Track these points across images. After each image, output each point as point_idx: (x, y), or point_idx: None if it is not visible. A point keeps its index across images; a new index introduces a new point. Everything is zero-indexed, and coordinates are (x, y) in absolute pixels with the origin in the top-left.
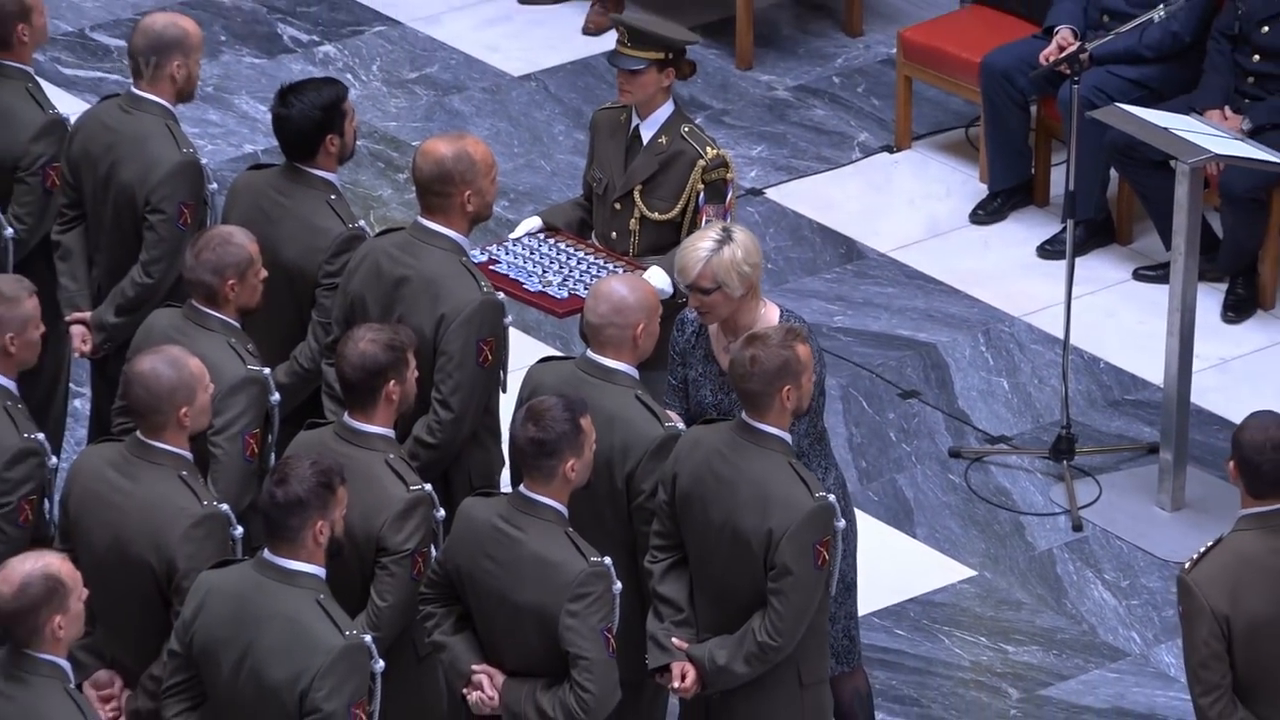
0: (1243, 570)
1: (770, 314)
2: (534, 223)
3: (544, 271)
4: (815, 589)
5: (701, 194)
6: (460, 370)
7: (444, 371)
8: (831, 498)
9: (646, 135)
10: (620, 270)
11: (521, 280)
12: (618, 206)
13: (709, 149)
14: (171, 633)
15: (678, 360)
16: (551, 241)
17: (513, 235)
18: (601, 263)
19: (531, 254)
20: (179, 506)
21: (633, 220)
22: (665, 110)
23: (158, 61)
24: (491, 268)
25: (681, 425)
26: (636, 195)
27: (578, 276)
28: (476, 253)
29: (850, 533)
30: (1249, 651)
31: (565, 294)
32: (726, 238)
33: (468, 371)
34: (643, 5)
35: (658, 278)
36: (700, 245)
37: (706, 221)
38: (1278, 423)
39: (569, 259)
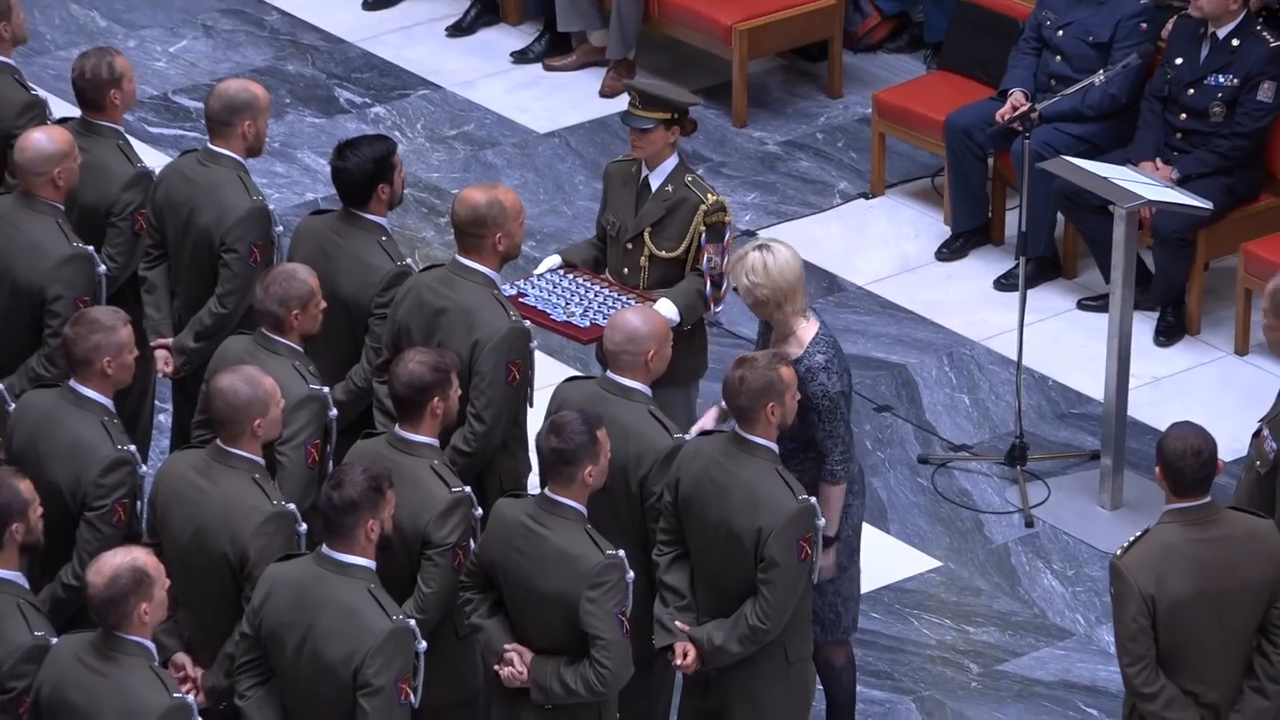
0: (1166, 557)
1: (808, 331)
2: (554, 260)
3: (566, 303)
4: (799, 579)
5: (703, 234)
6: (492, 388)
7: (478, 389)
8: (813, 500)
9: (655, 184)
10: (633, 302)
11: (548, 311)
12: (629, 246)
13: (709, 195)
14: (243, 616)
15: None
16: (571, 277)
17: (536, 271)
18: (616, 295)
19: (554, 288)
20: (252, 505)
21: (643, 258)
22: (671, 163)
23: (231, 121)
24: (520, 300)
25: (687, 436)
26: (646, 236)
27: (597, 307)
28: (506, 287)
29: (854, 517)
30: (1170, 628)
31: (588, 323)
32: (764, 247)
33: (498, 389)
34: (651, 71)
35: (666, 308)
36: (751, 258)
37: (707, 259)
38: (1195, 433)
39: (587, 292)
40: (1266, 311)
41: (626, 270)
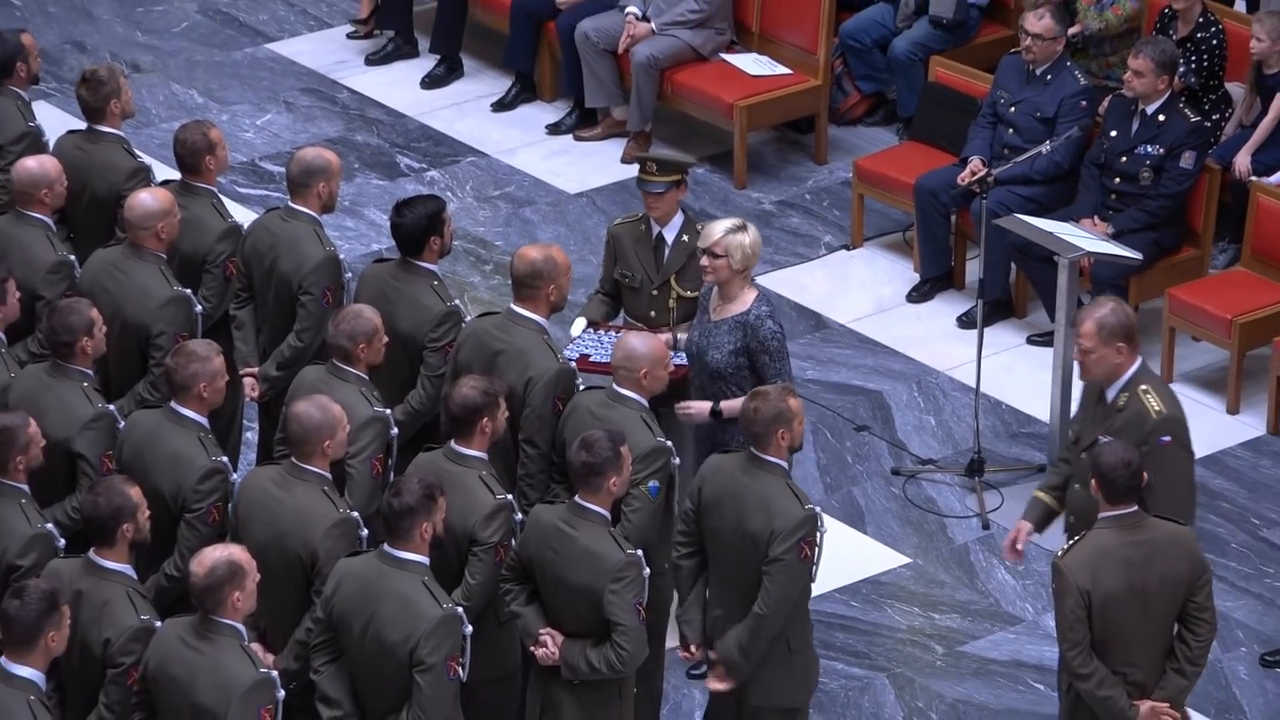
0: (1100, 558)
1: (750, 293)
2: (582, 323)
3: (603, 350)
4: (799, 575)
5: None
6: (540, 419)
7: (528, 419)
8: (818, 509)
9: (670, 237)
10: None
11: (595, 358)
12: (655, 293)
13: None
14: (315, 605)
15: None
16: (600, 332)
17: (574, 333)
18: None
19: (599, 343)
20: (322, 513)
21: (671, 300)
22: (680, 218)
23: (308, 183)
24: (591, 359)
25: (666, 440)
26: (673, 281)
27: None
28: (570, 351)
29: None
30: (1102, 618)
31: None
32: (743, 227)
33: (546, 421)
34: (664, 140)
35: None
36: (723, 224)
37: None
38: (1124, 448)
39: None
40: (1087, 335)
41: (654, 313)
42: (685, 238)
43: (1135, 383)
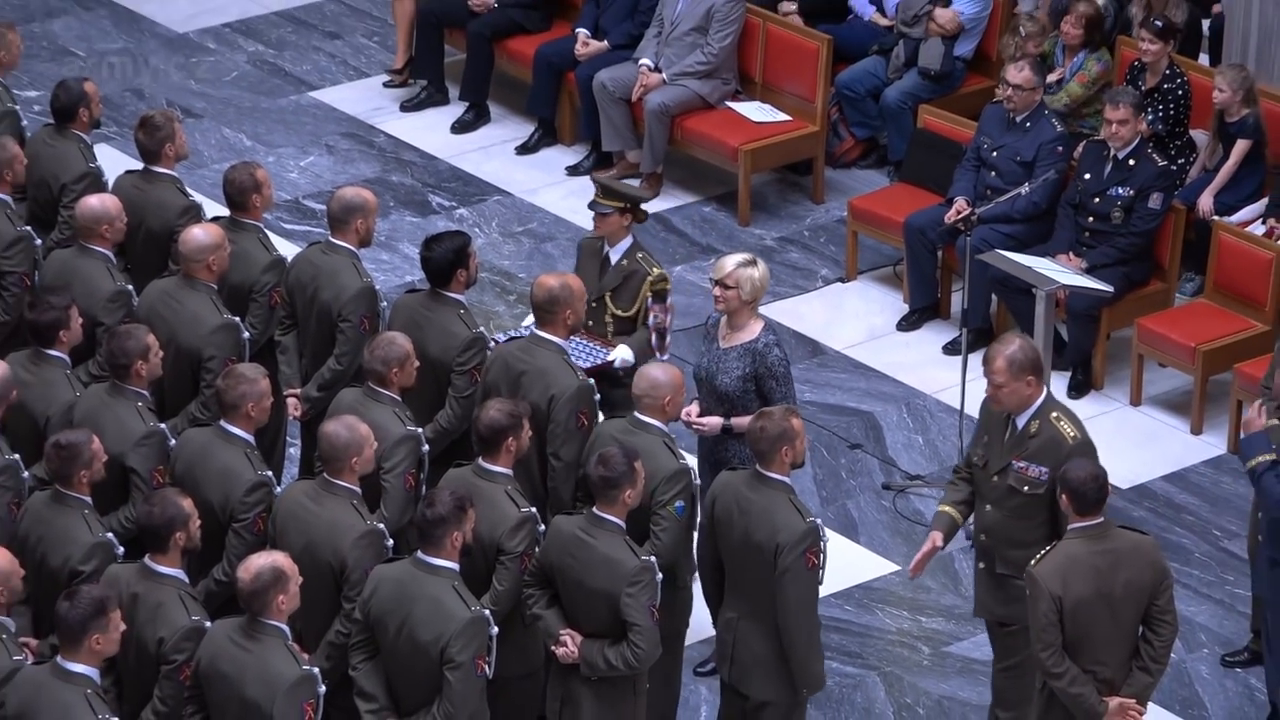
0: (1071, 566)
1: (757, 323)
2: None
3: (586, 355)
4: (809, 582)
5: (650, 298)
6: (566, 433)
7: (555, 435)
8: (818, 521)
9: (614, 258)
10: (600, 348)
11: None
12: (594, 305)
13: (654, 269)
14: (351, 607)
15: (703, 349)
16: (574, 338)
17: (524, 323)
18: (585, 343)
19: (581, 348)
20: (350, 525)
21: (607, 315)
22: (627, 242)
23: (347, 219)
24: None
25: (689, 463)
26: (608, 299)
27: (572, 351)
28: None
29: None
30: (1073, 621)
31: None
32: (753, 262)
33: (571, 434)
34: (674, 180)
35: (624, 351)
36: (735, 258)
37: (653, 317)
38: (1092, 464)
39: (592, 347)
40: (1000, 371)
41: (593, 323)
42: (625, 261)
43: (1045, 411)
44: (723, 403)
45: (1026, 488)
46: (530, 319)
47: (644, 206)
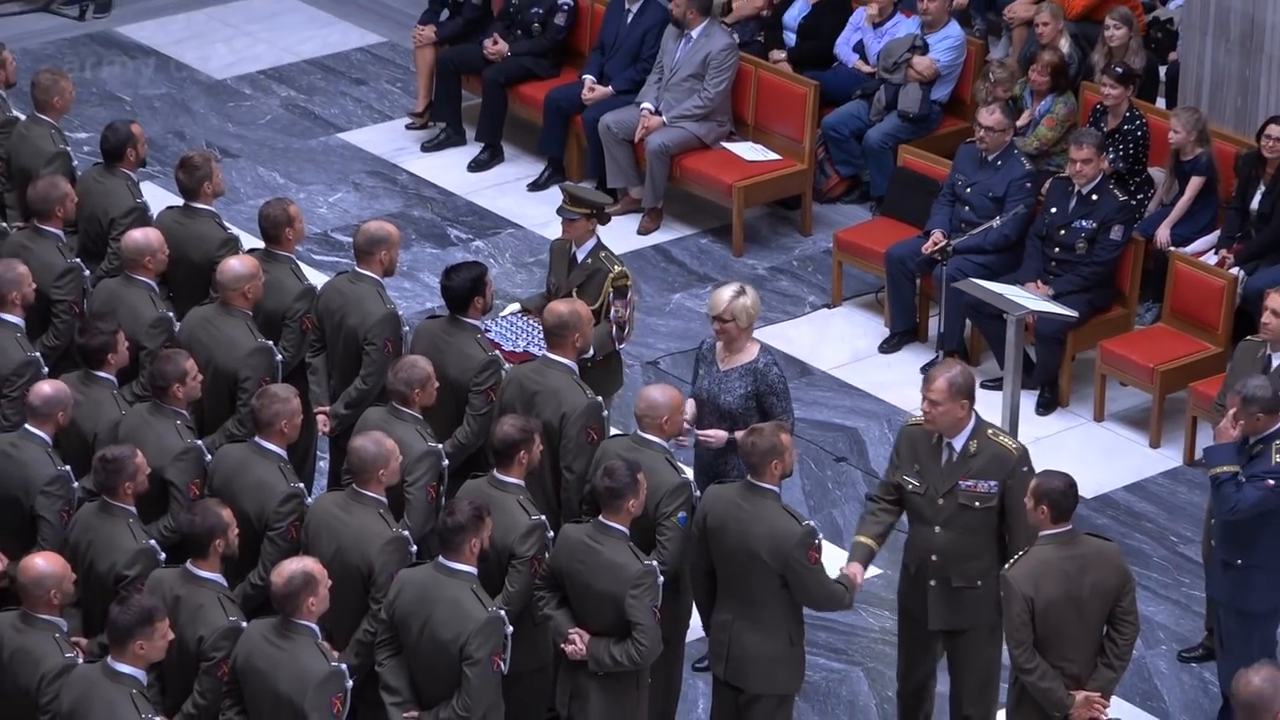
0: (1042, 570)
1: (754, 345)
2: (515, 306)
3: (516, 337)
4: (817, 575)
5: (611, 294)
6: (578, 448)
7: (565, 449)
8: (812, 523)
9: (580, 257)
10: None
11: (502, 344)
12: (562, 297)
13: (615, 267)
14: (376, 608)
15: (699, 372)
16: (526, 318)
17: (502, 314)
18: (534, 323)
19: (512, 327)
20: (377, 532)
21: None
22: (591, 243)
23: (372, 251)
24: (486, 334)
25: (689, 476)
26: (574, 294)
27: (537, 340)
28: (479, 324)
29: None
30: (1044, 621)
31: (523, 347)
32: (743, 291)
33: (583, 449)
34: (673, 215)
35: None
36: (727, 292)
37: (614, 311)
38: (1062, 475)
39: (534, 330)
40: (939, 391)
41: None
42: (590, 260)
43: (981, 430)
44: (725, 419)
45: (978, 503)
46: (512, 306)
47: (606, 210)
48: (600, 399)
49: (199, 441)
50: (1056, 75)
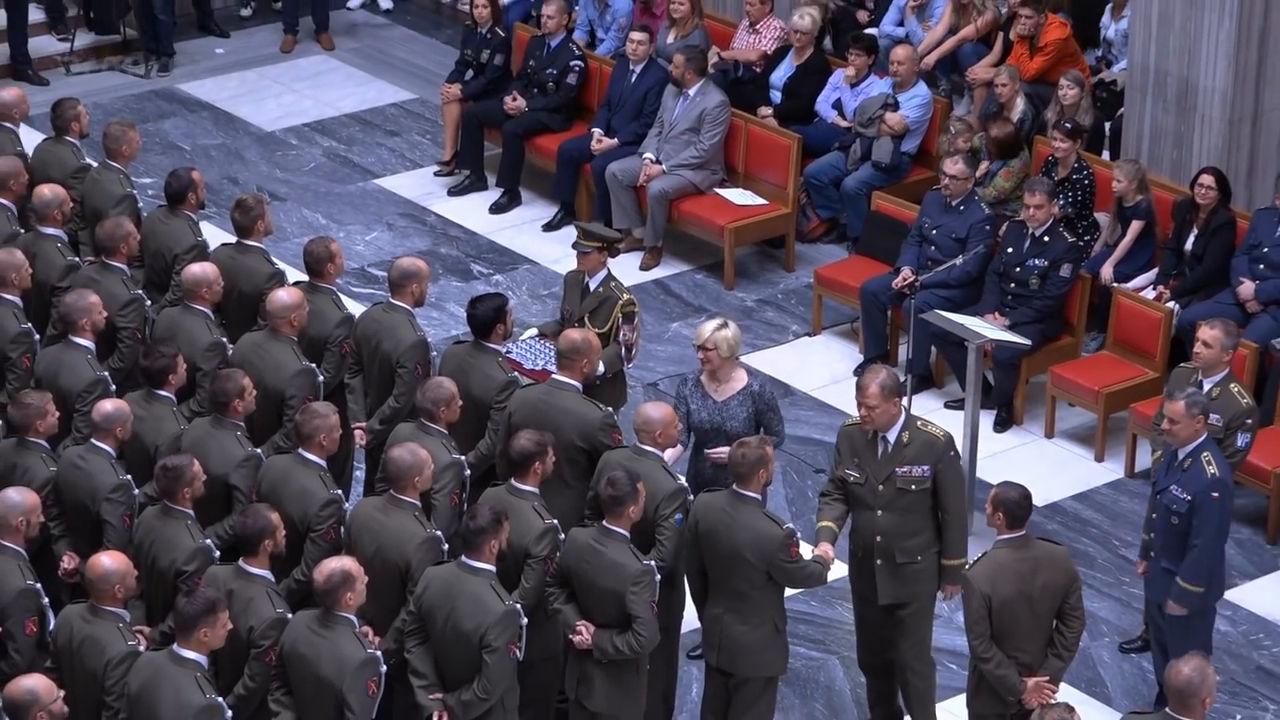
0: (998, 570)
1: (741, 373)
2: (534, 330)
3: (535, 357)
4: (800, 568)
5: (620, 318)
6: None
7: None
8: (791, 526)
9: (592, 286)
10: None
11: (523, 363)
12: (577, 324)
13: (624, 295)
14: (406, 602)
15: (682, 403)
16: (543, 341)
17: (521, 338)
18: (547, 345)
19: (530, 349)
20: (413, 532)
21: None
22: (603, 273)
23: (404, 284)
24: (508, 355)
25: (684, 482)
26: (586, 319)
27: (553, 360)
28: (511, 351)
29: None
30: (1000, 615)
31: (541, 366)
32: (725, 324)
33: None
34: (671, 253)
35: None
36: (710, 324)
37: (623, 334)
38: (1018, 486)
39: (550, 351)
40: (873, 395)
41: None
42: (601, 289)
43: (911, 423)
44: (730, 440)
45: (914, 485)
46: (530, 331)
47: (616, 245)
48: (611, 410)
49: (259, 450)
50: (1004, 146)
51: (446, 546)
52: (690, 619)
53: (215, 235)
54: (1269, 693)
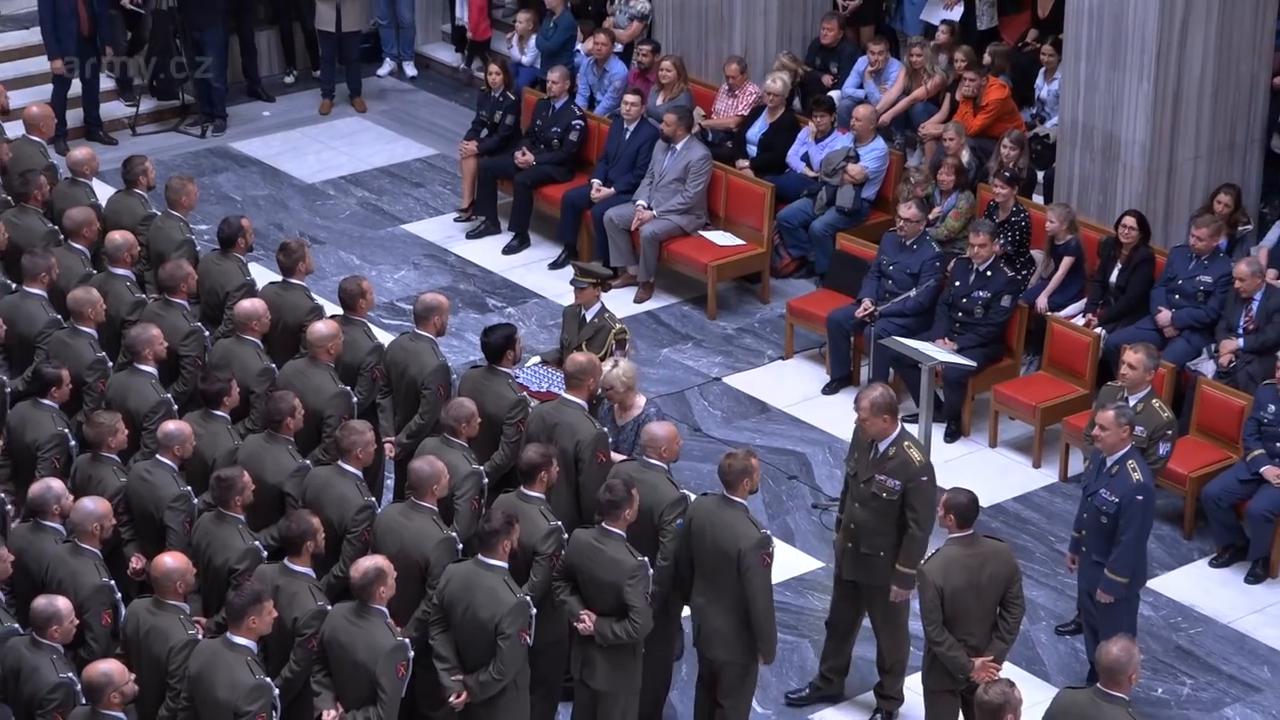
0: (949, 564)
1: (640, 400)
2: (536, 358)
3: (540, 381)
4: (765, 575)
5: (614, 345)
6: (590, 470)
7: (586, 474)
8: (768, 532)
9: (588, 317)
10: (558, 372)
11: (529, 385)
12: (575, 350)
13: (616, 324)
14: (426, 596)
15: (607, 424)
16: (546, 367)
17: (526, 364)
18: (550, 371)
19: (534, 374)
20: (432, 534)
21: None
22: (597, 306)
23: (427, 317)
24: (516, 380)
25: (686, 492)
26: (584, 345)
27: (556, 383)
28: (510, 372)
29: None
30: (951, 604)
31: (545, 388)
32: (616, 364)
33: (594, 469)
34: (660, 288)
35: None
36: (606, 365)
37: (615, 360)
38: (967, 491)
39: (554, 376)
40: (865, 409)
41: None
42: (596, 319)
43: (900, 440)
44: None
45: (884, 494)
46: (533, 359)
47: (608, 281)
48: (606, 429)
49: (307, 461)
50: (959, 175)
51: (461, 546)
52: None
53: (262, 275)
54: (1186, 669)
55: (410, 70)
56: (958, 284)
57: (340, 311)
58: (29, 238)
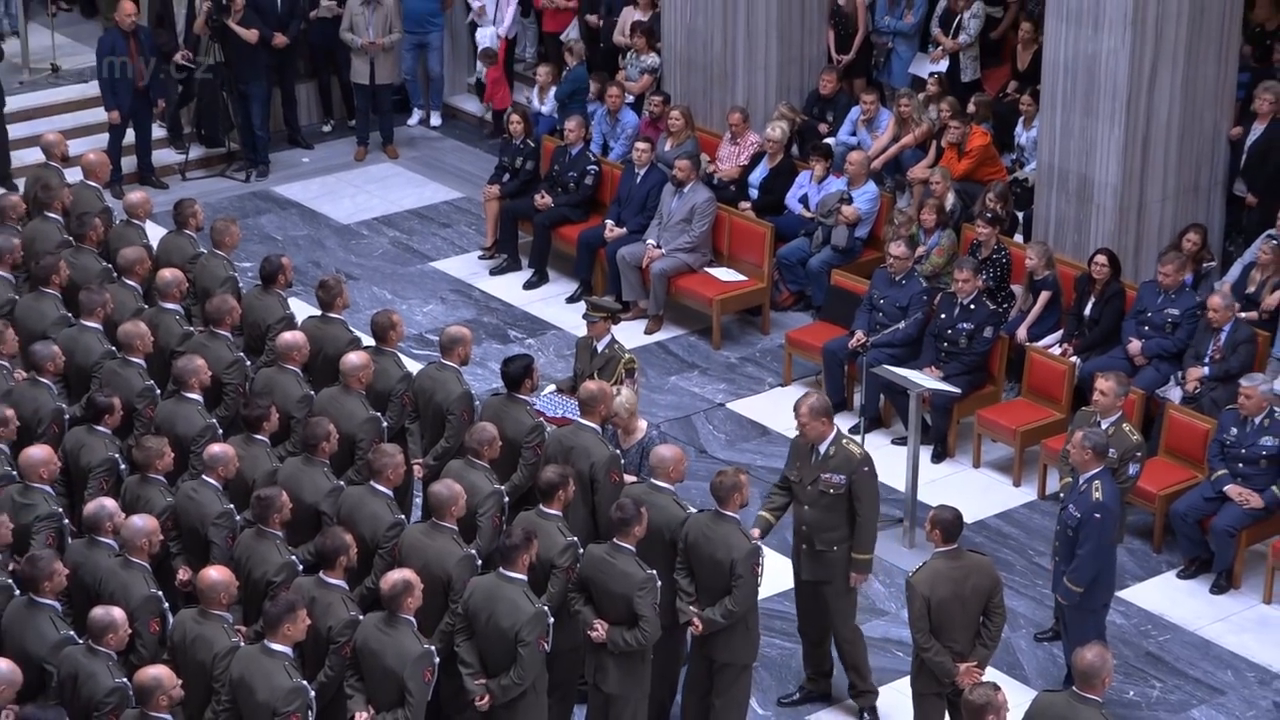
0: (935, 576)
1: (642, 424)
2: (552, 387)
3: (556, 408)
4: (753, 583)
5: (624, 374)
6: (604, 489)
7: (601, 493)
8: (760, 543)
9: (599, 349)
10: (572, 400)
11: (546, 411)
12: (589, 379)
13: (626, 354)
14: (449, 608)
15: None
16: (561, 396)
17: (543, 392)
18: (565, 399)
19: (550, 402)
20: (452, 552)
21: None
22: (607, 338)
23: (452, 348)
24: (535, 405)
25: (692, 510)
26: (595, 374)
27: (571, 410)
28: (529, 399)
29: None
30: (937, 613)
31: (561, 414)
32: (619, 393)
33: (608, 489)
34: (669, 321)
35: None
36: (610, 394)
37: (625, 388)
38: (952, 508)
39: (568, 404)
40: (804, 414)
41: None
42: (606, 350)
43: (838, 440)
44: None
45: (832, 490)
46: (549, 387)
47: (618, 315)
48: (619, 451)
49: (341, 482)
50: (940, 214)
51: (480, 562)
52: None
53: (301, 309)
54: (1156, 673)
55: (436, 119)
56: (943, 316)
57: (372, 343)
58: (85, 275)
